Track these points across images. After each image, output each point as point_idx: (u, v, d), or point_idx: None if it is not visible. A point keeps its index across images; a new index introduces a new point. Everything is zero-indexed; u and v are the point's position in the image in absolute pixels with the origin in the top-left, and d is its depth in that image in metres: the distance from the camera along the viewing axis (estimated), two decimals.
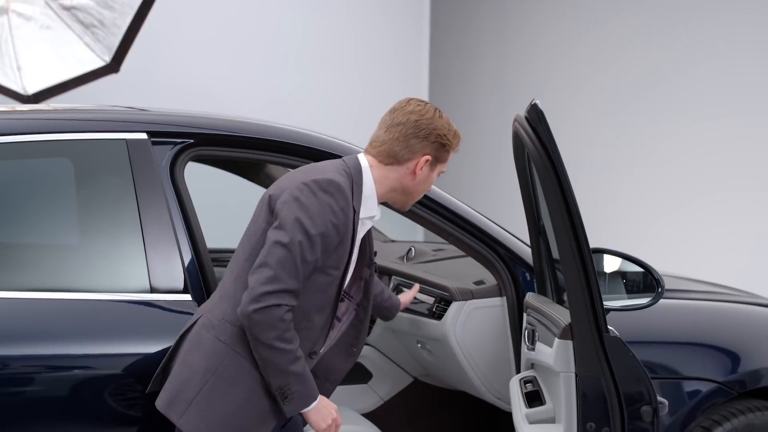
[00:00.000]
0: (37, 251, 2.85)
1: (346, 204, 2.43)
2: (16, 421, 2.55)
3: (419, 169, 2.55)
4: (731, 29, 6.25)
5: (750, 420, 3.15)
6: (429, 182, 2.60)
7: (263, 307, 2.33)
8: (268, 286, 2.34)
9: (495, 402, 3.30)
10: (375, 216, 2.56)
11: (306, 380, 2.42)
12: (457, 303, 3.24)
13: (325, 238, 2.39)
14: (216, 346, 2.43)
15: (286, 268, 2.35)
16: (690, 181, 6.48)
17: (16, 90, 5.20)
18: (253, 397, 2.44)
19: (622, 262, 3.11)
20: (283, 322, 2.35)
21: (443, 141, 2.57)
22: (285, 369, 2.38)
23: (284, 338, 2.36)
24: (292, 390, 2.41)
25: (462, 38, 8.20)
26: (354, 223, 2.47)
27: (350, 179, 2.48)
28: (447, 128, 2.59)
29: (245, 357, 2.43)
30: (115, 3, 5.29)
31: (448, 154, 2.61)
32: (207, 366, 2.43)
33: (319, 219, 2.38)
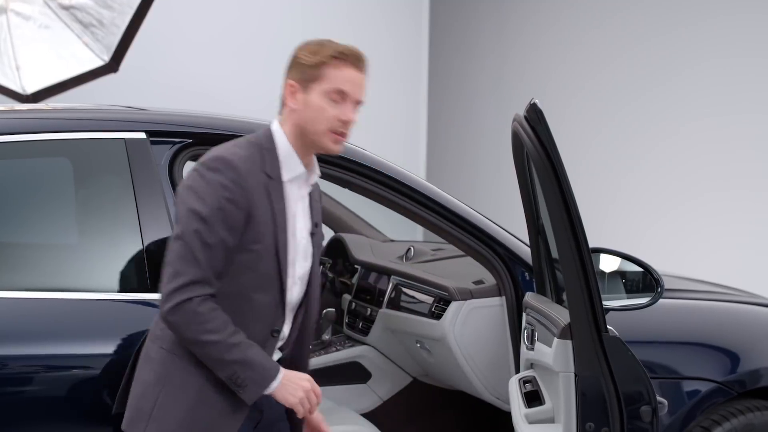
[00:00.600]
0: (35, 251, 2.85)
1: (238, 175, 2.28)
2: (16, 421, 2.55)
3: (291, 99, 2.37)
4: (730, 29, 6.25)
5: (749, 420, 3.15)
6: (314, 108, 2.35)
7: (173, 306, 2.24)
8: (172, 284, 2.25)
9: (494, 402, 3.30)
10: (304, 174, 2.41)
11: (252, 365, 2.29)
12: (456, 303, 3.24)
13: (222, 215, 2.26)
14: (161, 356, 2.36)
15: (186, 259, 2.25)
16: (689, 180, 6.48)
17: (14, 89, 5.19)
18: (206, 397, 2.35)
19: (621, 261, 3.11)
20: (198, 315, 2.24)
21: (301, 59, 2.36)
22: (223, 359, 2.28)
23: (208, 330, 2.25)
24: (241, 377, 2.29)
25: (461, 38, 8.20)
26: (269, 191, 2.34)
27: (257, 147, 2.35)
28: (306, 45, 2.38)
29: (188, 360, 2.34)
30: (114, 2, 5.29)
31: (318, 69, 2.34)
32: (156, 377, 2.36)
33: (209, 198, 2.26)
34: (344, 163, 3.00)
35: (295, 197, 2.42)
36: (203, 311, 2.26)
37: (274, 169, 2.36)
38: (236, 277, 2.34)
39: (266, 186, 2.34)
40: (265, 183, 2.34)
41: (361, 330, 3.78)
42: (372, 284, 3.82)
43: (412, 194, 3.07)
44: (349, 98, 2.36)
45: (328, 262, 4.08)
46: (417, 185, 3.10)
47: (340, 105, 2.35)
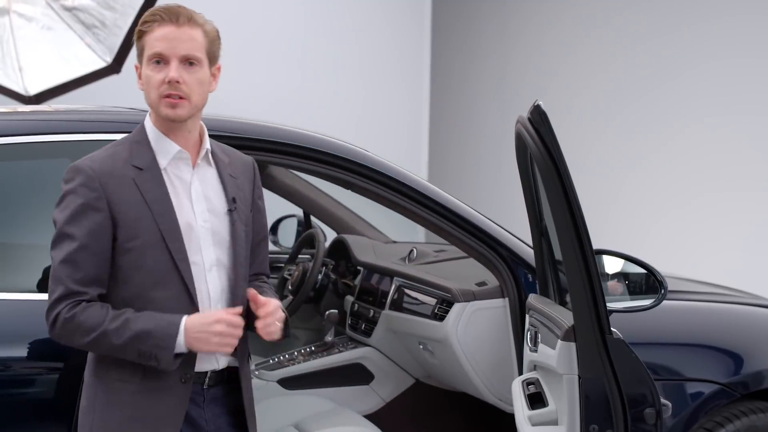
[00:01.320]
0: (38, 252, 2.85)
1: (89, 178, 2.18)
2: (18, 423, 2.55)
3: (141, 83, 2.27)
4: (733, 29, 6.24)
5: (753, 422, 3.15)
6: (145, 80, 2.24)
7: (50, 325, 2.18)
8: (48, 303, 2.19)
9: (497, 403, 3.29)
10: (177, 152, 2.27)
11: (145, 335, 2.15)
12: (459, 304, 3.24)
13: (78, 221, 2.17)
14: (87, 381, 2.29)
15: (53, 277, 2.18)
16: (692, 181, 6.47)
17: (17, 91, 5.20)
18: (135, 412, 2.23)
19: (624, 263, 3.11)
20: (69, 321, 2.15)
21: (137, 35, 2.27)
22: (117, 345, 2.16)
23: (87, 329, 2.15)
24: (146, 351, 2.16)
25: (463, 39, 8.20)
26: (137, 183, 2.21)
27: (126, 143, 2.27)
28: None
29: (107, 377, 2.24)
30: (117, 3, 5.29)
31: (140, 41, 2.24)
32: (88, 404, 2.25)
33: (65, 209, 2.19)
34: (346, 164, 3.00)
35: (183, 180, 2.28)
36: (70, 316, 2.16)
37: (145, 158, 2.25)
38: (128, 281, 2.23)
39: (134, 179, 2.23)
40: (133, 176, 2.23)
41: (363, 331, 3.77)
42: (374, 286, 3.82)
43: (414, 195, 3.07)
44: (171, 57, 2.21)
45: (331, 263, 4.08)
46: (419, 186, 3.09)
47: (164, 68, 2.22)
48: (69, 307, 2.16)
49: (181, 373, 2.24)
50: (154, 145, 2.27)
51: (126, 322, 2.17)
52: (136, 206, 2.21)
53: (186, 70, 2.22)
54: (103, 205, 2.19)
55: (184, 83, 2.21)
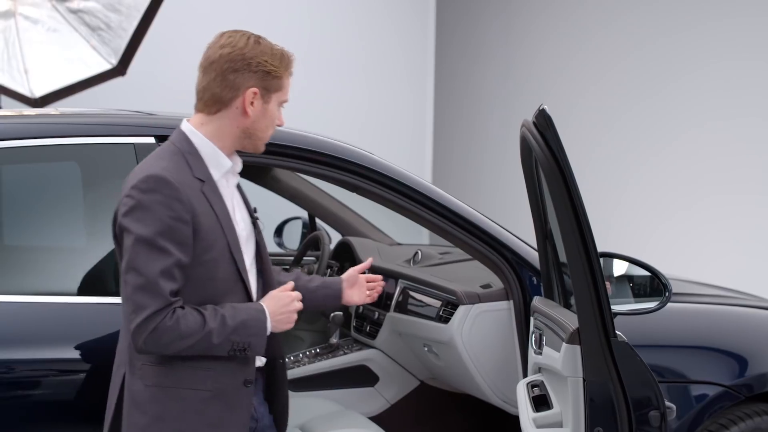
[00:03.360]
0: (44, 254, 2.86)
1: (175, 190, 2.21)
2: (24, 424, 2.56)
3: (248, 105, 2.32)
4: (737, 32, 6.24)
5: (757, 424, 3.15)
6: (270, 116, 2.37)
7: (144, 339, 2.19)
8: (137, 319, 2.18)
9: (502, 406, 3.30)
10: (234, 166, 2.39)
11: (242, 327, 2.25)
12: (463, 306, 3.24)
13: (170, 236, 2.19)
14: (149, 393, 2.28)
15: (144, 290, 2.18)
16: (696, 184, 6.47)
17: (23, 93, 5.21)
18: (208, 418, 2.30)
19: (629, 266, 3.11)
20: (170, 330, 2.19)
21: (266, 68, 2.32)
22: (215, 344, 2.23)
23: (186, 335, 2.20)
24: (240, 342, 2.25)
25: (467, 40, 8.21)
26: (206, 195, 2.28)
27: (179, 155, 2.29)
28: (269, 53, 2.33)
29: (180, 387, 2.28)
30: (122, 6, 5.30)
31: (281, 80, 2.36)
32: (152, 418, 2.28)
33: (152, 222, 2.19)
34: (351, 167, 3.00)
35: (229, 193, 2.39)
36: (172, 324, 2.20)
37: (203, 171, 2.31)
38: (200, 291, 2.28)
39: (202, 190, 2.29)
40: (200, 188, 2.29)
41: (368, 333, 3.78)
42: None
43: (418, 198, 3.07)
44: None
45: (336, 265, 4.08)
46: (424, 188, 3.10)
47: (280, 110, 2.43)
48: (169, 316, 2.19)
49: (244, 377, 2.34)
50: (207, 158, 2.33)
51: (223, 318, 2.24)
52: (208, 218, 2.28)
53: None
54: (189, 218, 2.24)
55: None
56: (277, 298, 2.34)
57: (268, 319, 2.30)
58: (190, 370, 2.28)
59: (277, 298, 2.35)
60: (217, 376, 2.30)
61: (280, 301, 2.34)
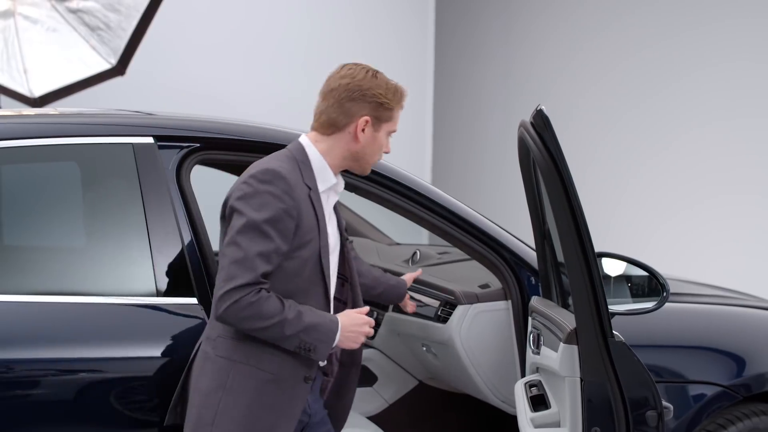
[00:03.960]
0: (43, 254, 2.86)
1: (289, 187, 2.42)
2: (25, 424, 2.56)
3: (360, 131, 2.53)
4: (737, 32, 6.25)
5: (755, 424, 3.15)
6: (378, 143, 2.56)
7: (226, 307, 2.35)
8: (225, 286, 2.35)
9: (500, 405, 3.30)
10: (335, 185, 2.57)
11: (313, 328, 2.42)
12: (462, 306, 3.25)
13: (277, 224, 2.39)
14: (218, 364, 2.46)
15: (240, 264, 2.35)
16: (694, 184, 6.47)
17: (22, 93, 5.21)
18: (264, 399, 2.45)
19: (626, 266, 3.12)
20: (252, 305, 2.35)
21: (379, 99, 2.52)
22: (286, 335, 2.39)
23: (264, 316, 2.36)
24: (308, 342, 2.41)
25: (467, 40, 8.21)
26: (312, 200, 2.48)
27: (294, 162, 2.50)
28: (383, 86, 2.54)
29: (246, 363, 2.45)
30: (121, 6, 5.30)
31: (392, 111, 2.56)
32: (215, 385, 2.45)
33: (263, 208, 2.39)
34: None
35: (328, 207, 2.57)
36: (255, 301, 2.35)
37: (311, 180, 2.51)
38: (286, 283, 2.46)
39: (309, 195, 2.48)
40: (308, 193, 2.49)
41: None
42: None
43: (417, 198, 3.08)
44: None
45: None
46: (423, 189, 3.11)
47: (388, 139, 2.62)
48: (254, 293, 2.35)
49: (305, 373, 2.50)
50: (316, 170, 2.54)
51: (299, 314, 2.41)
52: (309, 220, 2.48)
53: None
54: (296, 214, 2.44)
55: None
56: (352, 318, 2.50)
57: (339, 331, 2.45)
58: (258, 350, 2.45)
59: (353, 317, 2.50)
60: (281, 363, 2.46)
61: (353, 320, 2.50)
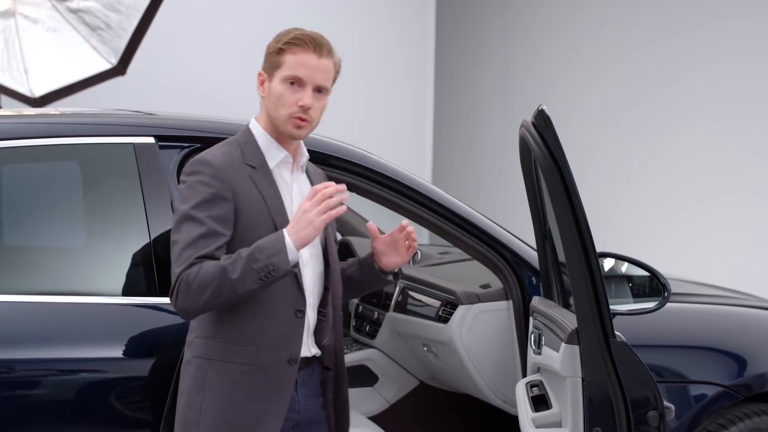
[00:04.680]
0: (44, 254, 2.86)
1: (216, 170, 2.34)
2: (24, 424, 2.56)
3: (261, 90, 2.45)
4: (737, 32, 6.25)
5: (756, 424, 3.15)
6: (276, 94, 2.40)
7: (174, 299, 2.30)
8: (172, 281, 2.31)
9: (501, 405, 3.30)
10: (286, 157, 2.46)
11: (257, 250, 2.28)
12: (463, 306, 3.25)
13: (206, 208, 2.31)
14: (195, 364, 2.42)
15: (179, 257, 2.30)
16: (696, 184, 6.47)
17: (23, 92, 5.21)
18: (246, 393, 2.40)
19: (628, 266, 3.11)
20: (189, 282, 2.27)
21: (267, 50, 2.44)
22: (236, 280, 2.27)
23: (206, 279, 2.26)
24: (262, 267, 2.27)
25: (467, 40, 8.21)
26: (254, 179, 2.39)
27: (235, 144, 2.43)
28: (275, 37, 2.44)
29: (221, 359, 2.39)
30: (122, 6, 5.30)
31: (278, 56, 2.40)
32: (196, 385, 2.41)
33: (192, 197, 2.33)
34: (351, 167, 3.01)
35: (287, 181, 2.48)
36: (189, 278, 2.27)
37: (256, 158, 2.43)
38: None
39: (250, 176, 2.40)
40: (249, 173, 2.40)
41: (368, 333, 3.79)
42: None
43: (418, 198, 3.08)
44: (308, 83, 2.40)
45: None
46: (423, 188, 3.11)
47: (299, 91, 2.40)
48: (186, 272, 2.28)
49: (289, 355, 2.40)
50: (263, 148, 2.45)
51: (237, 253, 2.29)
52: (254, 200, 2.39)
53: (315, 97, 2.42)
54: (230, 196, 2.35)
55: (313, 109, 2.42)
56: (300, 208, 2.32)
57: (286, 235, 2.29)
58: (231, 344, 2.39)
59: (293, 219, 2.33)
60: (259, 351, 2.38)
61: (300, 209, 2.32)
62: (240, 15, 6.77)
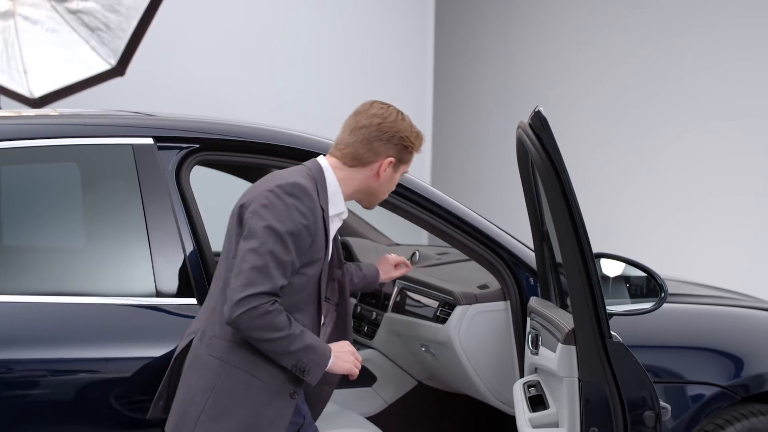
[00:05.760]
0: (43, 255, 2.87)
1: (313, 204, 2.49)
2: (23, 424, 2.56)
3: (383, 170, 2.62)
4: (735, 33, 6.25)
5: (753, 424, 3.16)
6: (393, 182, 2.68)
7: (242, 312, 2.38)
8: (245, 292, 2.39)
9: (498, 406, 3.31)
10: (343, 213, 2.64)
11: (312, 349, 2.48)
12: (461, 307, 3.25)
13: (296, 239, 2.45)
14: (211, 364, 2.49)
15: (261, 272, 2.40)
16: (693, 185, 6.48)
17: (22, 93, 5.21)
18: (255, 406, 2.47)
19: (625, 266, 3.12)
20: (267, 315, 2.40)
21: (405, 143, 2.63)
22: (289, 351, 2.44)
23: (275, 327, 2.41)
24: (305, 362, 2.46)
25: (466, 41, 8.21)
26: (324, 221, 2.54)
27: (314, 181, 2.55)
28: (409, 131, 2.64)
29: (239, 368, 2.48)
30: (121, 6, 5.30)
31: (411, 155, 2.68)
32: (206, 384, 2.47)
33: (287, 221, 2.44)
34: None
35: (332, 231, 2.63)
36: (271, 311, 2.41)
37: (325, 202, 2.57)
38: (288, 296, 2.50)
39: (324, 218, 2.55)
40: (322, 214, 2.54)
41: (366, 334, 3.79)
42: (377, 288, 3.84)
43: (417, 199, 3.09)
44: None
45: None
46: (422, 190, 3.11)
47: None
48: (271, 303, 2.41)
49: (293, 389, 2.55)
50: (330, 195, 2.60)
51: (303, 332, 2.48)
52: (320, 240, 2.54)
53: None
54: (313, 232, 2.50)
55: None
56: (341, 347, 2.59)
57: (331, 359, 2.52)
58: (254, 357, 2.49)
59: (341, 347, 2.59)
60: (273, 374, 2.50)
61: (342, 347, 2.58)
62: (239, 15, 6.77)
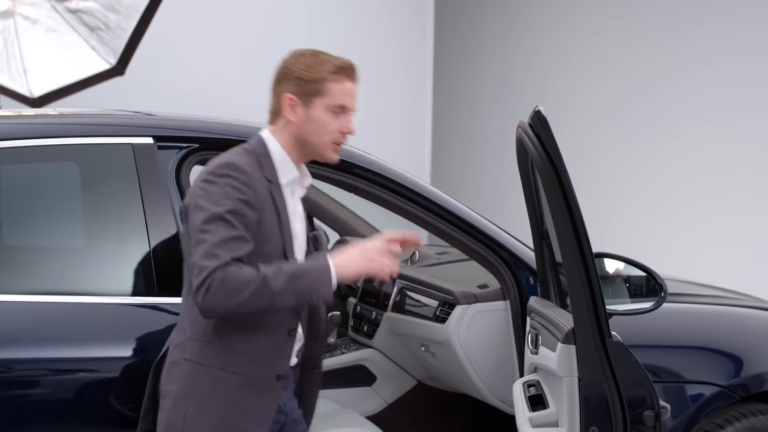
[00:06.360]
0: (43, 254, 2.87)
1: (248, 178, 2.34)
2: (22, 424, 2.57)
3: (288, 111, 2.42)
4: (735, 33, 6.26)
5: (752, 424, 3.16)
6: (318, 121, 2.42)
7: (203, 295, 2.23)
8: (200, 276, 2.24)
9: (498, 405, 3.31)
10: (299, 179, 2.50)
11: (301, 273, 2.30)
12: (460, 306, 3.26)
13: (239, 216, 2.30)
14: (185, 367, 2.40)
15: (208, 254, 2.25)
16: (693, 185, 6.48)
17: (22, 93, 5.22)
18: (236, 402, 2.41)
19: (625, 266, 3.12)
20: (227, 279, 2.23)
21: (298, 74, 2.41)
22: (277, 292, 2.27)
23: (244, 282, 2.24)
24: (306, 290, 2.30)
25: (466, 42, 8.22)
26: (272, 194, 2.40)
27: (254, 155, 2.42)
28: (306, 61, 2.43)
29: (213, 365, 2.38)
30: (121, 6, 5.31)
31: (319, 84, 2.41)
32: (184, 389, 2.40)
33: (224, 200, 2.30)
34: (349, 168, 3.02)
35: (291, 201, 2.50)
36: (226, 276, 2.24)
37: (272, 173, 2.43)
38: None
39: (269, 189, 2.41)
40: (268, 186, 2.41)
41: (366, 333, 3.79)
42: (377, 288, 3.84)
43: (416, 198, 3.09)
44: (349, 110, 2.46)
45: None
46: (421, 189, 3.11)
47: (341, 117, 2.45)
48: (223, 269, 2.23)
49: (278, 371, 2.43)
50: (278, 164, 2.45)
51: (278, 267, 2.29)
52: (271, 215, 2.40)
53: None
54: (257, 206, 2.36)
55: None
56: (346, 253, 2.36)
57: (333, 269, 2.32)
58: (224, 352, 2.38)
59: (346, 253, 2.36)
60: (251, 363, 2.39)
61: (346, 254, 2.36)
62: (239, 15, 6.78)
